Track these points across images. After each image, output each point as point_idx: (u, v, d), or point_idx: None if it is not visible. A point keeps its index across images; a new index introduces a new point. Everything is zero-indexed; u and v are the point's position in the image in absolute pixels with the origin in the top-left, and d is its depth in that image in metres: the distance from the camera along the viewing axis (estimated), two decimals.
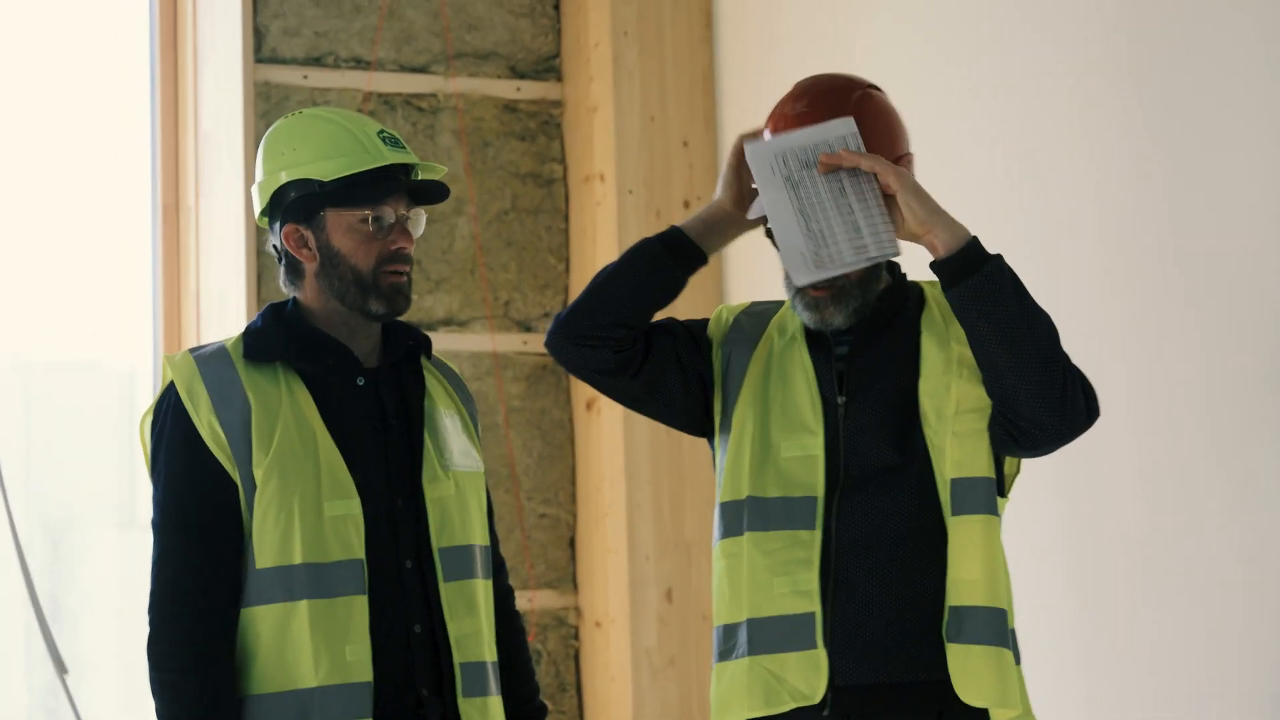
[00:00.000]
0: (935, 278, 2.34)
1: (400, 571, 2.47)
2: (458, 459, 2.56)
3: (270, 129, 2.55)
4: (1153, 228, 3.06)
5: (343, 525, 2.45)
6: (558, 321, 2.35)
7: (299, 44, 4.18)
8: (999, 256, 2.26)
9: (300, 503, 2.44)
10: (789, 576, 2.28)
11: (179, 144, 4.39)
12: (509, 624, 2.65)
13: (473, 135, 4.33)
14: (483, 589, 2.57)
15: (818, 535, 2.31)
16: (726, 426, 2.40)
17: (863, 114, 2.38)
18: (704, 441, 3.40)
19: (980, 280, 2.24)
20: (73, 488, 4.75)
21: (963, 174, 3.41)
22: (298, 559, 2.42)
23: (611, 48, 4.24)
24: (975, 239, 2.28)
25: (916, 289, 2.47)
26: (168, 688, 2.46)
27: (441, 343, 3.63)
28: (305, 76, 4.16)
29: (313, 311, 2.52)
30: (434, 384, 2.64)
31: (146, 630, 2.45)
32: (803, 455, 2.38)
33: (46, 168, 4.48)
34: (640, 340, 2.38)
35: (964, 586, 2.25)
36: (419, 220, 2.55)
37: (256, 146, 3.87)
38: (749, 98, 4.23)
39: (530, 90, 4.40)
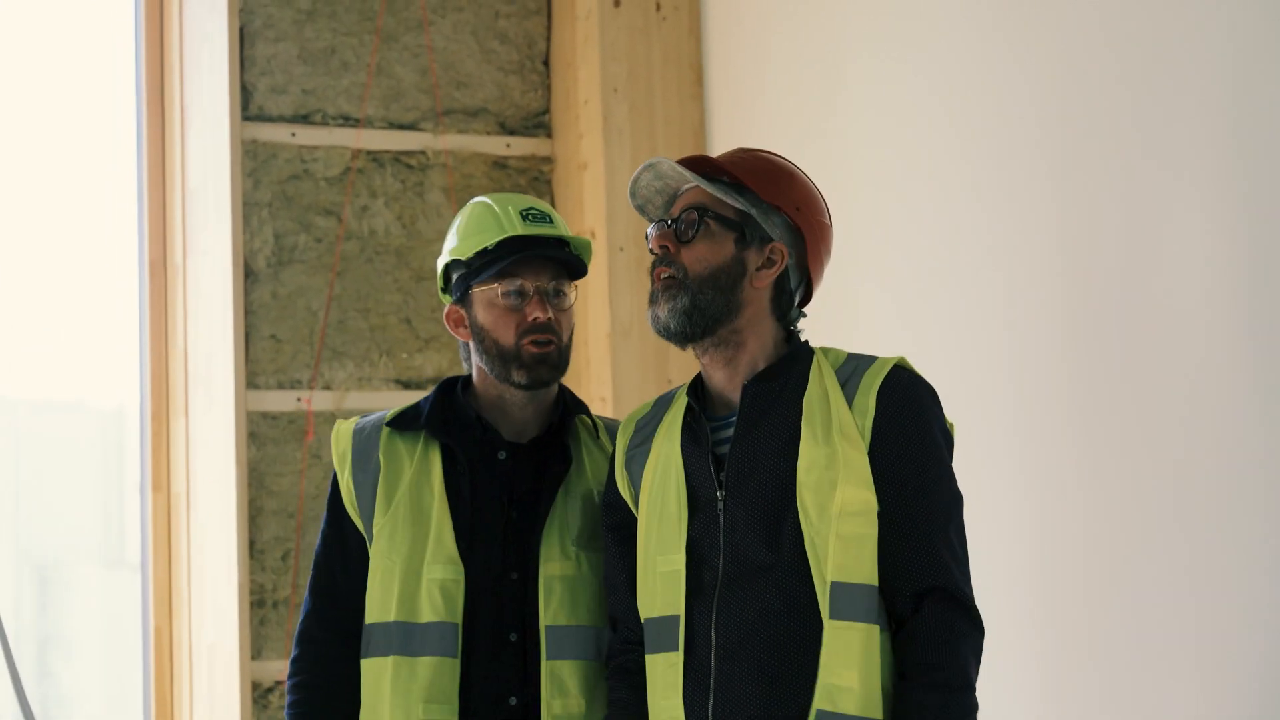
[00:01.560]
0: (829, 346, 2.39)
1: (503, 643, 2.52)
2: (587, 539, 2.58)
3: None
4: (1114, 253, 3.10)
5: (441, 589, 2.54)
6: None
7: (286, 101, 4.20)
8: None
9: (403, 563, 2.57)
10: (670, 701, 2.28)
11: (166, 200, 4.40)
12: None
13: (462, 192, 4.32)
14: (598, 671, 2.56)
15: (680, 656, 2.30)
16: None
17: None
18: None
19: None
20: (60, 527, 4.73)
21: (948, 216, 3.46)
22: (392, 616, 2.54)
23: (601, 104, 4.27)
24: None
25: (808, 360, 2.41)
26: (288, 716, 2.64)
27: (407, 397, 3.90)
28: (293, 134, 4.18)
29: (478, 387, 2.65)
30: (589, 459, 2.68)
31: None
32: (669, 571, 2.35)
33: (36, 216, 4.50)
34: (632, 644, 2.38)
35: (838, 693, 2.21)
36: (563, 291, 2.60)
37: (242, 204, 4.11)
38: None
39: (520, 147, 4.43)
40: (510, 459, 2.61)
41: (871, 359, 2.35)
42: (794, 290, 2.39)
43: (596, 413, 4.20)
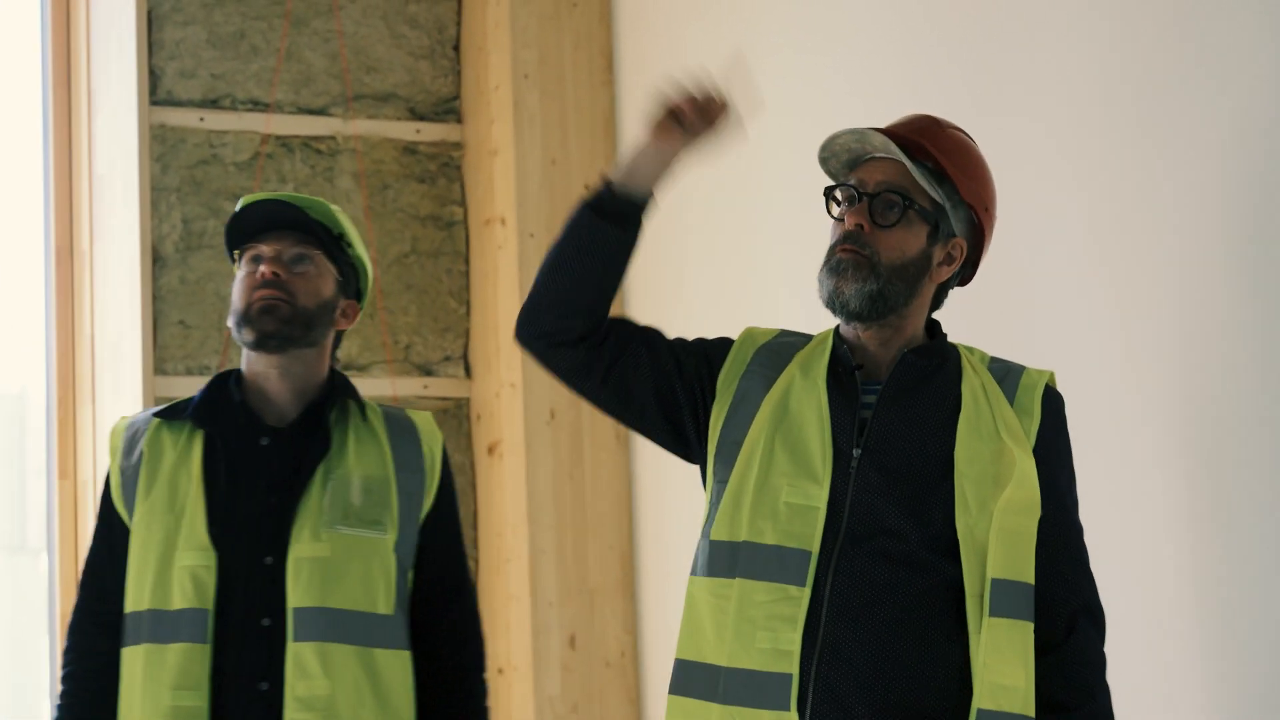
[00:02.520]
0: (974, 345, 2.38)
1: (255, 628, 2.52)
2: (341, 519, 2.59)
3: None
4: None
5: (191, 575, 2.54)
6: (518, 319, 2.28)
7: (195, 86, 4.20)
8: None
9: (157, 551, 2.57)
10: (772, 632, 2.20)
11: (73, 185, 4.43)
12: (448, 677, 2.65)
13: (372, 178, 4.38)
14: (355, 655, 2.56)
15: (807, 593, 2.22)
16: (728, 458, 2.30)
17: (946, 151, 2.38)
18: (609, 484, 3.44)
19: None
20: None
21: None
22: (146, 605, 2.54)
23: (512, 90, 4.29)
24: None
25: (954, 353, 2.41)
26: (54, 710, 2.67)
27: None
28: (202, 119, 4.19)
29: (245, 373, 2.70)
30: (355, 441, 2.69)
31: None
32: (804, 504, 2.29)
33: None
34: (606, 339, 2.29)
35: (1002, 692, 2.15)
36: (305, 257, 2.64)
37: (150, 189, 3.87)
38: None
39: (430, 133, 4.46)
40: (273, 444, 2.64)
41: (1020, 366, 2.36)
42: (948, 283, 2.40)
43: (507, 396, 4.22)
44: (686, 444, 2.34)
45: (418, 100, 4.47)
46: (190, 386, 3.94)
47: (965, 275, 2.42)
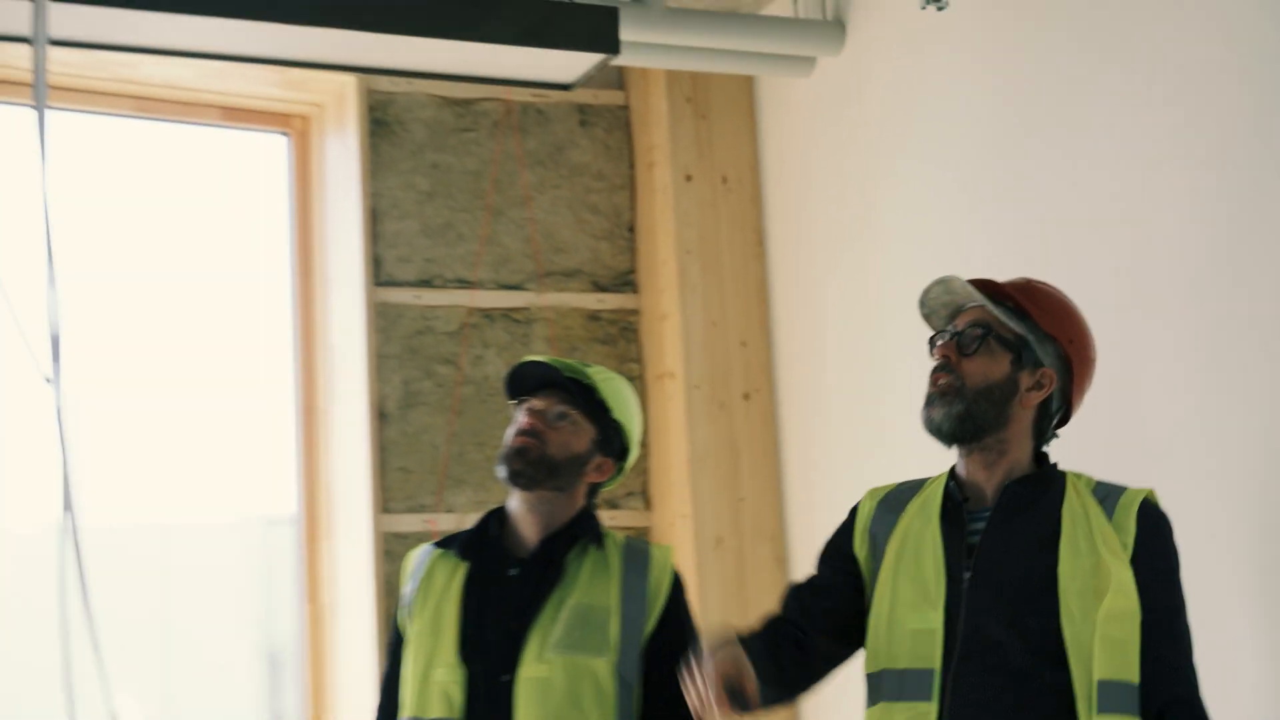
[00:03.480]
0: (1081, 471, 2.44)
1: None
2: (564, 645, 2.66)
3: None
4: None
5: (442, 690, 2.68)
6: None
7: (411, 269, 4.41)
8: None
9: (420, 666, 2.73)
10: None
11: (313, 353, 4.65)
12: None
13: (561, 341, 4.53)
14: None
15: (934, 707, 2.31)
16: (869, 601, 2.43)
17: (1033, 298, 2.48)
18: (769, 600, 3.56)
19: None
20: (226, 629, 4.74)
21: None
22: (408, 712, 2.72)
23: (677, 264, 4.48)
24: None
25: (1060, 479, 2.45)
26: None
27: None
28: (417, 296, 4.40)
29: (506, 510, 2.85)
30: (586, 573, 2.77)
31: None
32: (924, 629, 2.36)
33: (215, 368, 4.74)
34: (815, 650, 2.45)
35: None
36: (564, 414, 2.78)
37: (375, 356, 4.30)
38: (797, 300, 4.44)
39: (610, 302, 4.64)
40: (519, 575, 2.75)
41: (1122, 487, 2.40)
42: (1054, 413, 2.47)
43: (680, 525, 4.27)
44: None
45: (600, 275, 4.63)
46: (411, 523, 4.29)
47: (1065, 412, 2.51)
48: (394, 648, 2.87)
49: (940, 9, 3.16)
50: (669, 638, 2.70)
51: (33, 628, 4.13)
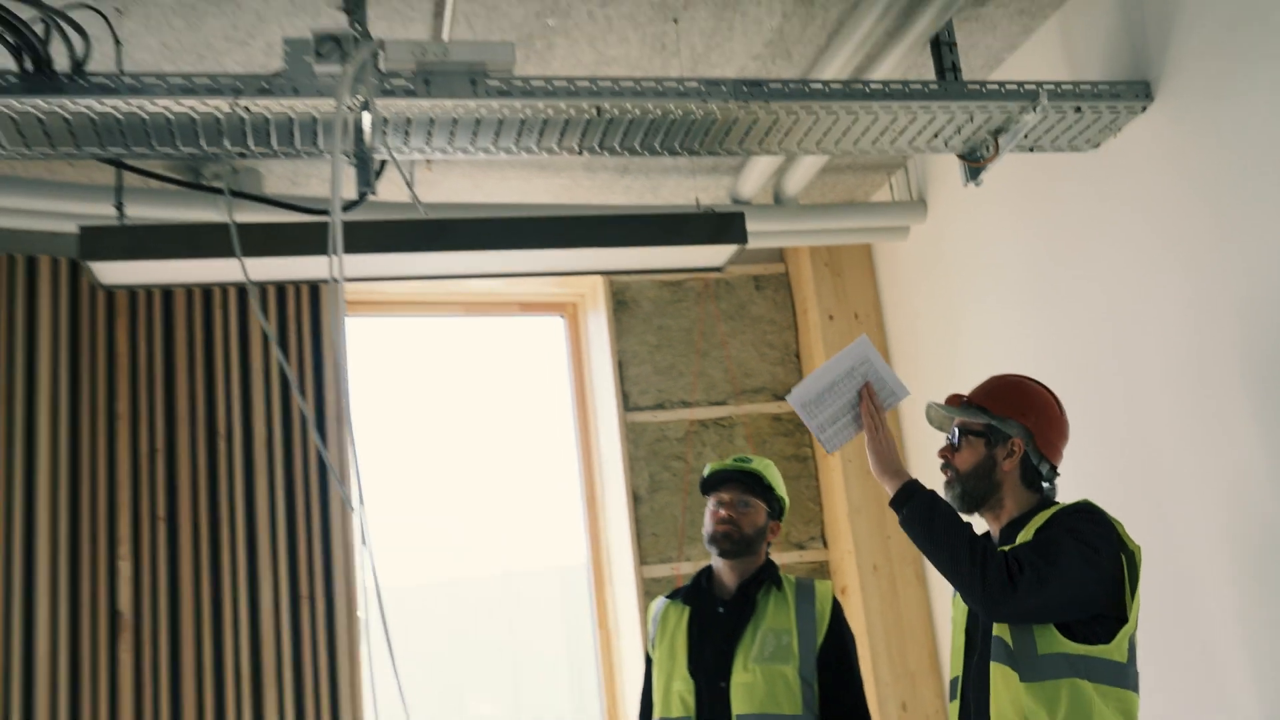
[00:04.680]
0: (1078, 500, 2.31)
1: None
2: (761, 657, 2.66)
3: None
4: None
5: (680, 695, 2.75)
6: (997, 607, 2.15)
7: (648, 398, 4.54)
8: (917, 500, 2.30)
9: (663, 680, 2.80)
10: None
11: (591, 458, 4.72)
12: None
13: (755, 437, 4.60)
14: None
15: None
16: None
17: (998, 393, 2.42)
18: (916, 607, 3.65)
19: (904, 514, 2.32)
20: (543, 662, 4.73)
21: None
22: (658, 714, 2.80)
23: None
24: (906, 486, 2.33)
25: (1044, 509, 2.35)
26: None
27: None
28: (654, 416, 4.51)
29: (713, 568, 2.89)
30: (771, 607, 2.76)
31: None
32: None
33: (527, 472, 4.74)
34: None
35: None
36: (747, 502, 2.83)
37: (629, 458, 4.41)
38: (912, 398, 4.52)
39: (786, 408, 4.53)
40: (725, 611, 2.79)
41: (1054, 510, 2.29)
42: (1037, 465, 2.36)
43: (847, 558, 4.29)
44: None
45: (777, 389, 4.65)
46: (661, 570, 4.36)
47: (1052, 453, 2.40)
48: (646, 670, 2.93)
49: (978, 185, 3.22)
50: (834, 646, 2.75)
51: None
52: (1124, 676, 2.17)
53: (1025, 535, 2.27)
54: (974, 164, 3.29)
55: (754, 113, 2.91)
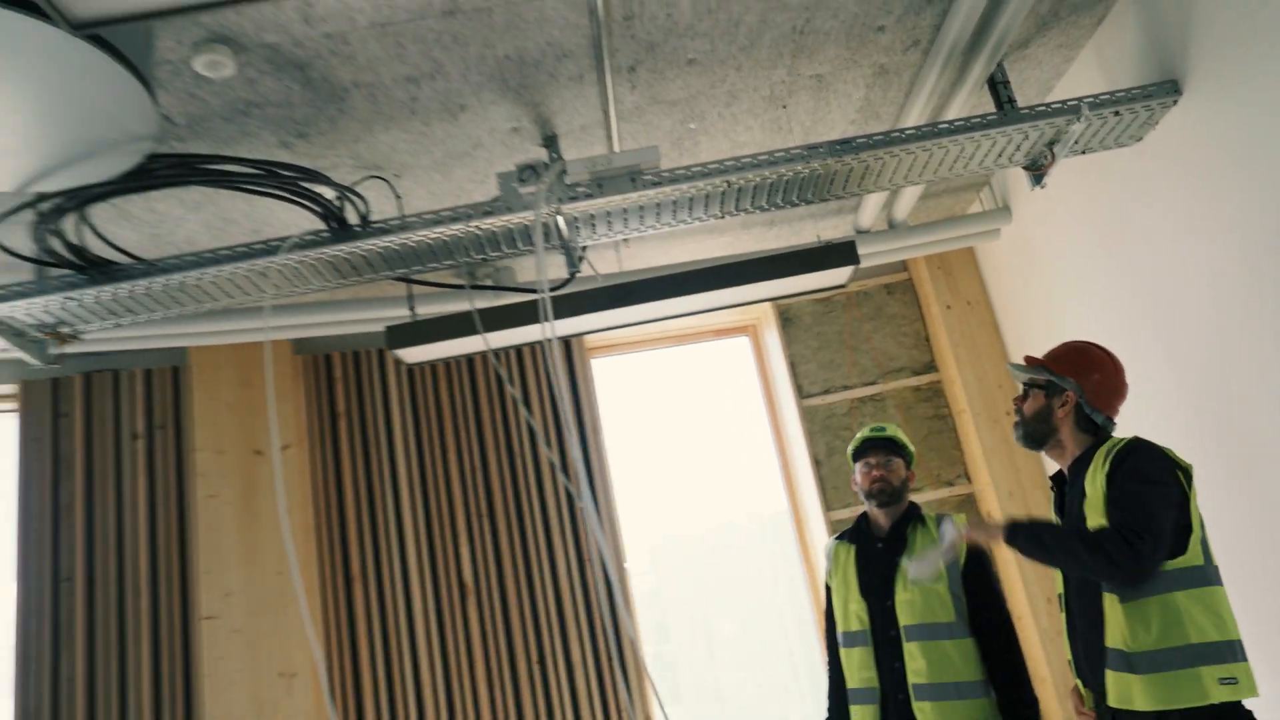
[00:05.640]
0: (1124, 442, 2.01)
1: (888, 636, 2.50)
2: (915, 577, 2.48)
3: None
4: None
5: (857, 612, 2.59)
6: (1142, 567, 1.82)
7: (817, 386, 4.30)
8: (1020, 530, 2.00)
9: (840, 602, 2.64)
10: None
11: (780, 435, 4.48)
12: (998, 657, 2.41)
13: (901, 406, 4.27)
14: (936, 645, 2.41)
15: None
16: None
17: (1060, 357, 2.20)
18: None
19: (1019, 546, 2.02)
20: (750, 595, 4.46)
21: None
22: (840, 628, 2.63)
23: (953, 353, 4.13)
24: (1007, 527, 2.04)
25: (1093, 451, 2.13)
26: (827, 671, 2.66)
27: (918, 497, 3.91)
28: (823, 400, 4.27)
29: (868, 514, 2.73)
30: (919, 539, 2.58)
31: None
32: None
33: (736, 453, 4.55)
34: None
35: None
36: (890, 462, 2.65)
37: (810, 449, 4.10)
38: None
39: (924, 380, 4.26)
40: (883, 546, 2.64)
41: (1110, 441, 2.07)
42: (1090, 414, 2.16)
43: (987, 489, 3.89)
44: None
45: (915, 366, 4.34)
46: (843, 514, 4.10)
47: (1103, 406, 2.16)
48: (827, 596, 2.78)
49: (1043, 188, 2.87)
50: (974, 565, 2.55)
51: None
52: (1205, 576, 1.89)
53: (1094, 469, 2.04)
54: (1036, 172, 2.92)
55: (848, 164, 2.67)
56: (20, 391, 3.74)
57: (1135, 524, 1.84)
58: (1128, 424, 3.10)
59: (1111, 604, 1.92)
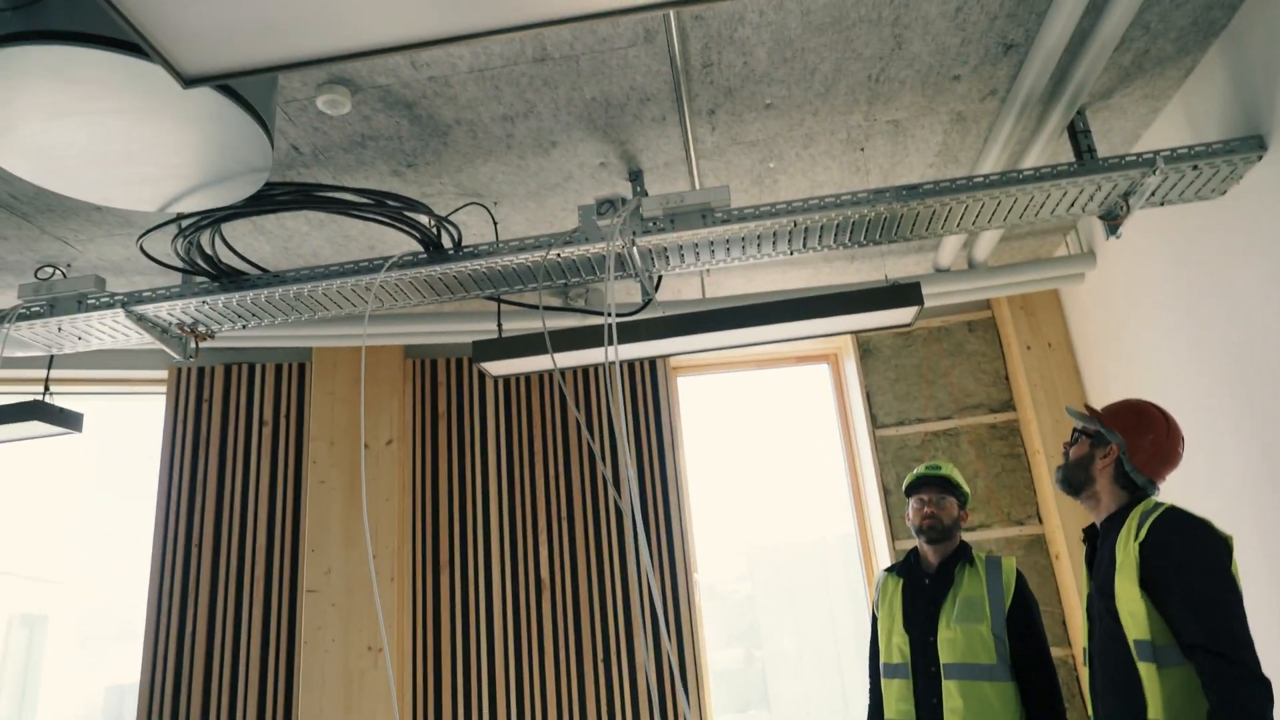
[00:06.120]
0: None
1: (929, 671, 2.47)
2: (960, 619, 2.43)
3: None
4: None
5: (899, 645, 2.54)
6: None
7: (891, 417, 4.23)
8: None
9: (885, 634, 2.60)
10: None
11: (854, 462, 4.41)
12: (1037, 702, 2.33)
13: (976, 443, 4.18)
14: (975, 686, 2.34)
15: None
16: None
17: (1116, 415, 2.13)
18: None
19: None
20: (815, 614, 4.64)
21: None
22: (882, 659, 2.58)
23: (1030, 394, 4.00)
24: None
25: (1127, 513, 2.05)
26: (869, 697, 2.58)
27: (974, 536, 3.86)
28: (896, 431, 4.20)
29: (919, 549, 2.66)
30: (966, 578, 2.50)
31: None
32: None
33: (811, 478, 4.88)
34: None
35: None
36: (943, 500, 2.60)
37: (880, 478, 4.07)
38: (1097, 404, 3.88)
39: (1001, 418, 4.15)
40: (930, 583, 2.59)
41: (1155, 508, 1.95)
42: (1130, 472, 2.07)
43: (1057, 532, 3.75)
44: None
45: (992, 404, 4.22)
46: (908, 544, 3.92)
47: (1145, 468, 2.07)
48: (872, 626, 2.74)
49: (1117, 238, 2.78)
50: (1020, 608, 2.47)
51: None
52: None
53: (1126, 531, 1.96)
54: (1112, 222, 2.82)
55: (914, 209, 2.65)
56: (170, 378, 4.09)
57: (1224, 646, 1.72)
58: (1200, 482, 2.97)
59: (1149, 673, 1.83)
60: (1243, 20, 2.48)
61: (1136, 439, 2.12)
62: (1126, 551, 1.94)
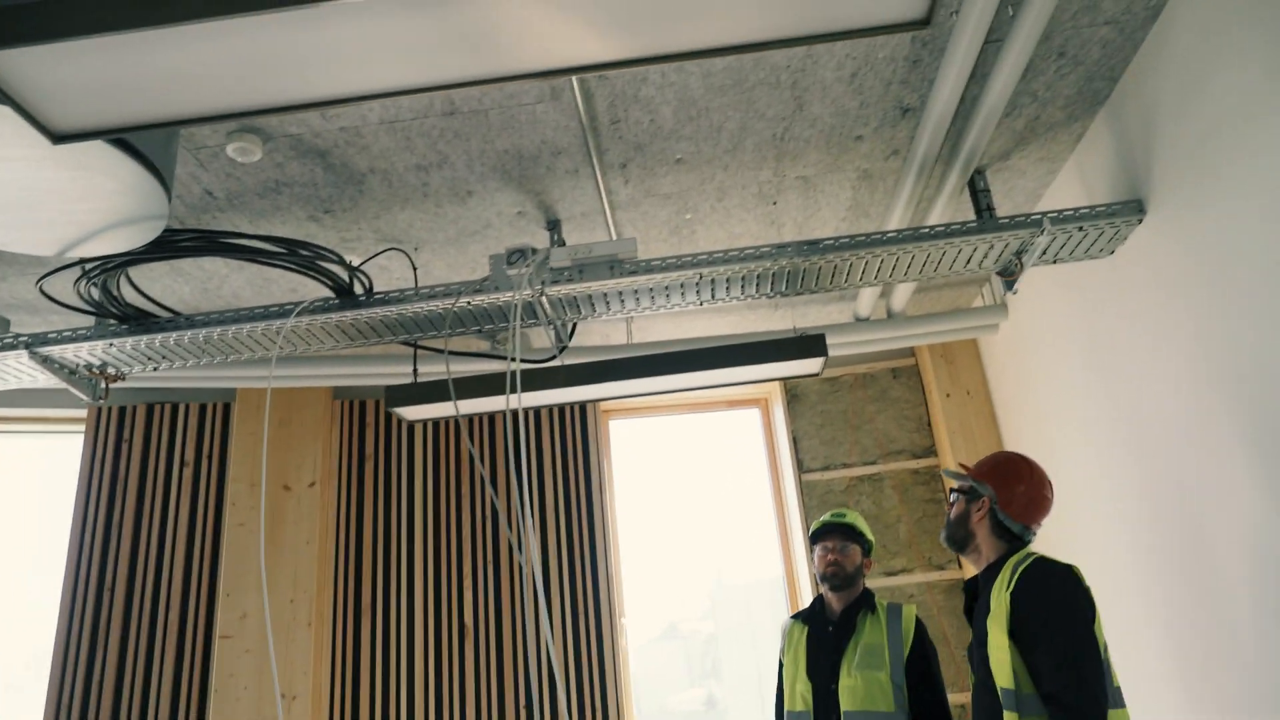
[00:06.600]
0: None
1: (830, 719, 2.45)
2: (861, 666, 2.42)
3: None
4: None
5: (802, 692, 2.54)
6: None
7: (817, 462, 4.26)
8: None
9: (788, 682, 2.60)
10: None
11: (781, 505, 4.40)
12: None
13: (899, 488, 4.20)
14: None
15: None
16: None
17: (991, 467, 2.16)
18: None
19: None
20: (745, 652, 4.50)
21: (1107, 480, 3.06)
22: (786, 706, 2.59)
23: (949, 440, 4.08)
24: None
25: (1001, 564, 2.08)
26: None
27: (895, 581, 4.00)
28: (822, 475, 4.22)
29: (823, 596, 2.70)
30: (868, 626, 2.50)
31: None
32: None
33: (734, 521, 4.68)
34: None
35: None
36: (846, 547, 2.61)
37: (805, 521, 4.02)
38: (1011, 448, 4.06)
39: (923, 463, 4.18)
40: (833, 630, 2.59)
41: (1032, 559, 1.97)
42: (1005, 521, 2.12)
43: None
44: None
45: (915, 450, 4.28)
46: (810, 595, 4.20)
47: (1019, 516, 2.11)
48: (779, 674, 2.72)
49: (1014, 294, 2.86)
50: (918, 656, 2.48)
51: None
52: (1109, 699, 1.81)
53: (1000, 582, 2.01)
54: (1008, 278, 2.90)
55: (815, 263, 2.71)
56: (89, 416, 4.01)
57: (1073, 699, 1.77)
58: (1097, 534, 3.01)
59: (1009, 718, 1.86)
60: (1120, 92, 2.59)
61: (1007, 490, 2.16)
62: (999, 600, 1.97)
